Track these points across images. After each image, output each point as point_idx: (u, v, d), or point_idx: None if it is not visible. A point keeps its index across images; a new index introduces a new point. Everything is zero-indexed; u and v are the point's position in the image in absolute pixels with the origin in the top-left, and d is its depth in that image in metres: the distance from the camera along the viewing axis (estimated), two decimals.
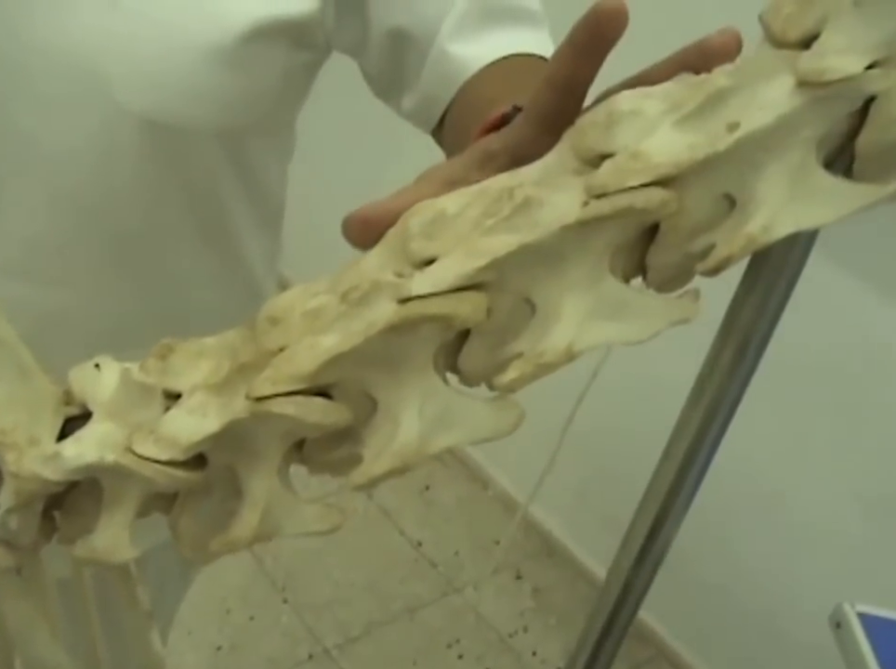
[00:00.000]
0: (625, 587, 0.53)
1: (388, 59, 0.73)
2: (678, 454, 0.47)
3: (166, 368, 0.48)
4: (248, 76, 0.67)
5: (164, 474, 0.45)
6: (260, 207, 0.80)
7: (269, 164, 0.78)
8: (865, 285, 1.63)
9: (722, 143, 0.37)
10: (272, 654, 1.85)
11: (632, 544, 0.50)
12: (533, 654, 1.91)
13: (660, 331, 0.41)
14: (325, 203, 2.37)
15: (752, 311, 0.43)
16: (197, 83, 0.65)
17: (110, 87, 0.63)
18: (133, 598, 0.57)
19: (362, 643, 1.90)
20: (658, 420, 1.99)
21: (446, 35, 0.70)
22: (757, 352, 0.43)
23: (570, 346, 0.40)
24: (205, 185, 0.73)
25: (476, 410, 0.44)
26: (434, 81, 0.71)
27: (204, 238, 0.76)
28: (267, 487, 0.46)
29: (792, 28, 0.37)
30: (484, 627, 1.96)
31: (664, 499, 0.48)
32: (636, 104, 0.40)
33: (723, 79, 0.38)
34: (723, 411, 0.44)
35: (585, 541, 2.10)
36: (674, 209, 0.38)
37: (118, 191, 0.69)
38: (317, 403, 0.43)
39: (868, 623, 0.71)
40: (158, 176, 0.69)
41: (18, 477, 0.46)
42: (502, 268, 0.41)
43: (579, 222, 0.39)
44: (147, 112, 0.65)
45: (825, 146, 0.38)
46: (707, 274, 0.39)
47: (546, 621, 1.99)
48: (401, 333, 0.42)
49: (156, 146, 0.67)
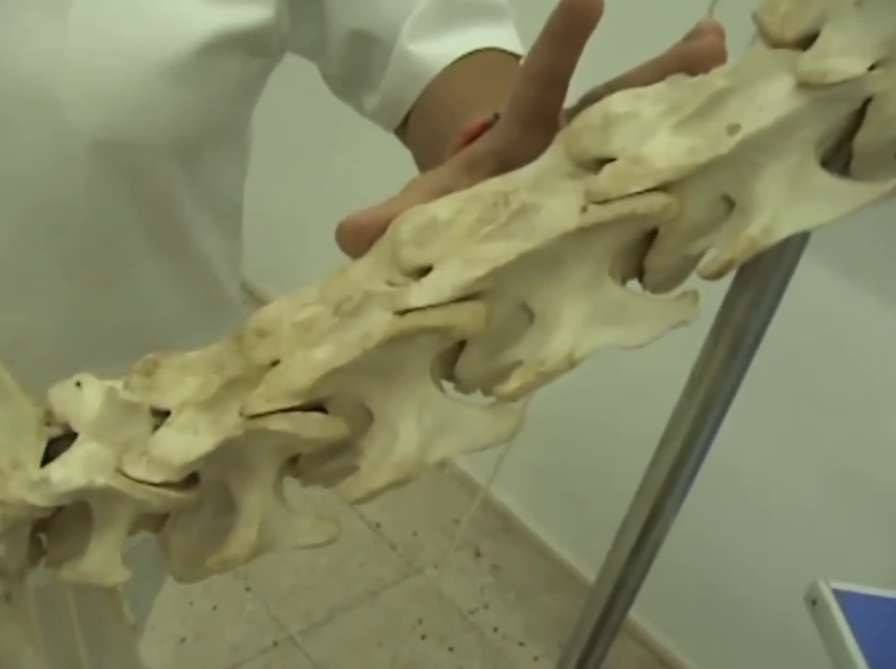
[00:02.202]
0: (617, 585, 0.53)
1: (348, 60, 0.72)
2: (672, 451, 0.47)
3: (152, 384, 0.47)
4: (204, 89, 0.65)
5: (159, 496, 0.44)
6: (218, 212, 0.78)
7: (224, 170, 0.77)
8: (835, 273, 1.65)
9: (724, 146, 0.37)
10: (237, 642, 1.84)
11: (625, 541, 0.50)
12: (495, 630, 1.93)
13: (660, 334, 0.41)
14: (284, 207, 2.35)
15: (746, 308, 0.43)
16: (151, 99, 0.63)
17: (60, 108, 0.61)
18: (118, 612, 0.56)
19: (326, 628, 1.90)
20: (613, 401, 2.01)
21: (409, 35, 0.69)
22: (751, 348, 0.43)
23: (571, 352, 0.40)
24: (162, 197, 0.71)
25: (474, 417, 0.43)
26: (398, 81, 0.70)
27: (164, 249, 0.74)
28: (261, 502, 0.45)
29: (789, 27, 0.37)
30: (446, 606, 1.97)
31: (657, 495, 0.48)
32: (631, 106, 0.39)
33: (721, 80, 0.38)
34: (717, 406, 0.45)
35: (542, 517, 2.12)
36: (676, 214, 0.38)
37: (73, 211, 0.67)
38: (314, 419, 0.42)
39: (843, 599, 0.73)
40: (113, 193, 0.67)
41: (4, 503, 0.45)
42: (501, 276, 0.40)
43: (580, 229, 0.38)
44: (99, 131, 0.63)
45: (823, 145, 0.38)
46: (710, 278, 0.39)
47: (505, 597, 2.00)
48: (399, 344, 0.41)
49: (110, 163, 0.65)
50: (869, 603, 0.73)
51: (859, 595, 0.75)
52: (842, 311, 1.69)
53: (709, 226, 0.40)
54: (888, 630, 0.71)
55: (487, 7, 0.70)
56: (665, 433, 0.47)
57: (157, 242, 0.73)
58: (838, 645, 0.70)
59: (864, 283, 1.67)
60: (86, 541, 0.47)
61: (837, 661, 0.71)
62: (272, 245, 2.18)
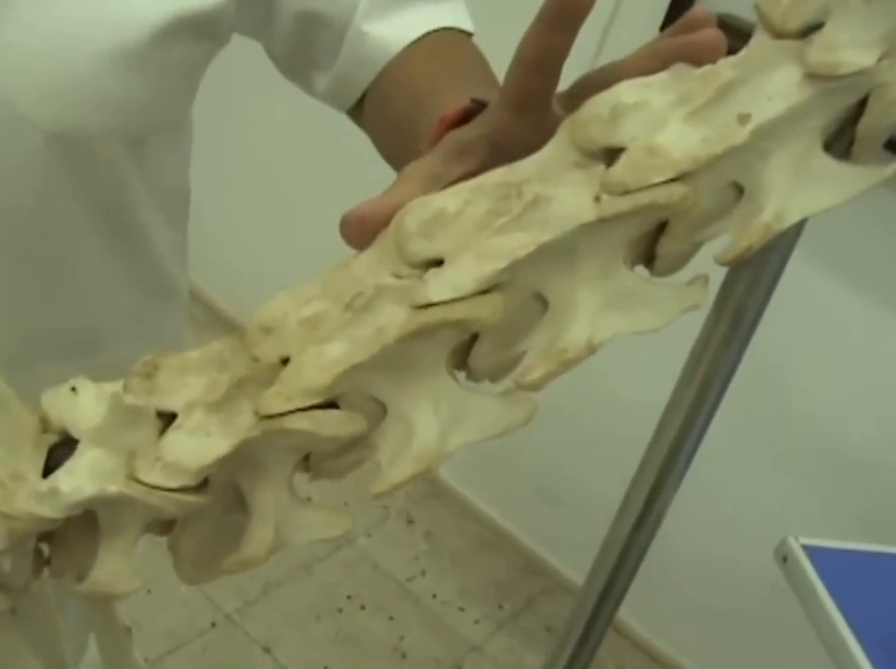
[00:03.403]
0: (608, 583, 0.54)
1: (298, 41, 0.71)
2: (669, 435, 0.48)
3: (153, 387, 0.46)
4: (154, 77, 0.64)
5: (174, 501, 0.43)
6: (165, 202, 0.77)
7: (170, 158, 0.76)
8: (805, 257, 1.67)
9: (739, 136, 0.38)
10: (173, 627, 1.83)
11: (622, 525, 0.51)
12: (434, 596, 1.96)
13: (673, 318, 0.42)
14: (233, 201, 2.29)
15: (744, 288, 0.45)
16: (101, 90, 0.62)
17: (11, 100, 0.59)
18: (110, 615, 0.55)
19: (262, 604, 1.90)
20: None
21: (364, 16, 0.68)
22: (750, 326, 0.44)
23: (590, 339, 0.41)
24: (110, 189, 0.69)
25: (489, 406, 0.44)
26: (353, 62, 0.70)
27: (112, 241, 0.73)
28: (276, 501, 0.45)
29: (791, 18, 0.38)
30: (381, 575, 1.98)
31: (655, 479, 0.49)
32: (639, 96, 0.40)
33: (729, 71, 0.39)
34: (717, 384, 0.46)
35: (470, 480, 2.14)
36: (693, 203, 0.39)
37: (20, 205, 0.65)
38: (333, 416, 0.43)
39: (812, 553, 0.77)
40: (62, 186, 0.65)
41: (10, 517, 0.44)
42: (518, 268, 0.41)
43: (600, 219, 0.39)
44: (53, 124, 0.61)
45: (826, 131, 0.40)
46: (728, 265, 0.40)
47: (440, 563, 2.03)
48: (418, 339, 0.41)
49: (61, 156, 0.63)
50: (838, 557, 0.77)
51: (828, 549, 0.78)
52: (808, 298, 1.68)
53: (719, 212, 0.41)
54: (857, 582, 0.75)
55: None
56: (663, 416, 0.49)
57: (105, 234, 0.71)
58: (812, 599, 0.74)
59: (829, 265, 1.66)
60: (93, 550, 0.47)
61: (811, 614, 0.75)
62: (216, 246, 2.14)
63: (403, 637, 1.89)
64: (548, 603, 2.00)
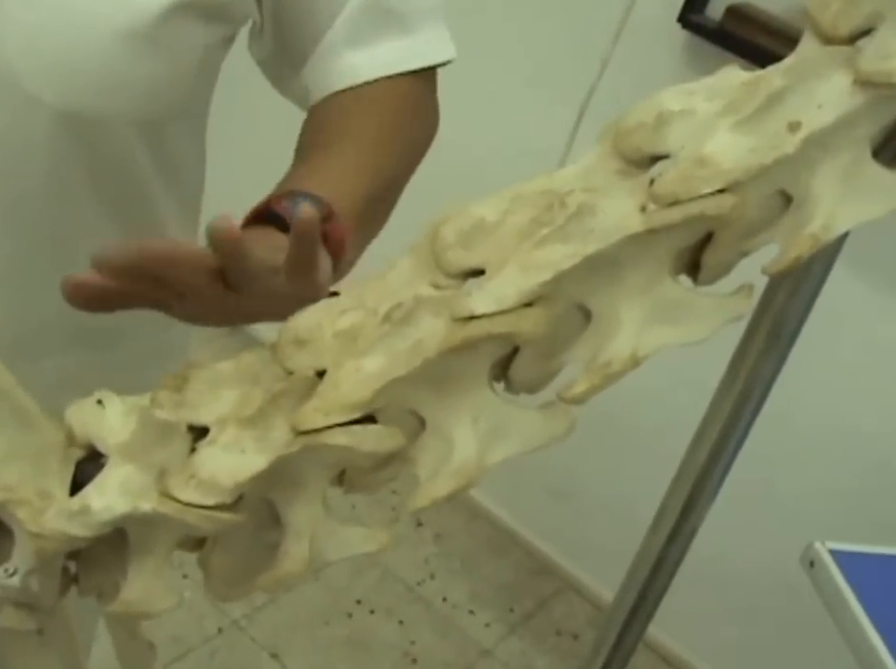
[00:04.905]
0: (641, 593, 0.53)
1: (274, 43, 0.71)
2: (705, 449, 0.47)
3: (183, 400, 0.45)
4: (167, 58, 0.63)
5: (210, 519, 0.42)
6: (180, 192, 0.76)
7: (186, 147, 0.74)
8: None
9: (789, 145, 0.37)
10: (180, 633, 1.81)
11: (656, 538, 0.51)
12: (444, 600, 1.94)
13: (718, 329, 0.41)
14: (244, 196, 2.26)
15: (785, 297, 0.44)
16: (113, 70, 0.61)
17: (18, 80, 0.59)
18: (134, 631, 0.55)
19: (269, 610, 1.88)
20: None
21: (343, 35, 0.68)
22: (790, 339, 0.43)
23: (634, 352, 0.40)
24: (125, 176, 0.68)
25: (529, 419, 0.43)
26: (317, 75, 0.69)
27: (125, 231, 0.71)
28: (311, 517, 0.45)
29: (843, 23, 0.38)
30: (391, 579, 1.97)
31: (690, 492, 0.48)
32: (685, 103, 0.39)
33: (779, 78, 0.38)
34: (755, 398, 0.45)
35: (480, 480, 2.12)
36: (742, 213, 0.38)
37: (31, 189, 0.64)
38: (372, 432, 0.42)
39: (840, 558, 0.75)
40: (75, 170, 0.64)
41: (40, 536, 0.43)
42: (562, 280, 0.40)
43: (648, 231, 0.38)
44: (61, 104, 0.60)
45: (875, 139, 0.39)
46: (776, 276, 0.39)
47: (450, 565, 2.01)
48: (460, 352, 0.40)
49: (72, 138, 0.62)
50: (865, 561, 0.76)
51: (856, 553, 0.77)
52: None
53: (766, 222, 0.40)
54: (887, 587, 0.74)
55: (400, 17, 0.70)
56: (701, 424, 0.48)
57: (118, 222, 0.70)
58: (840, 605, 0.73)
59: None
60: (123, 567, 0.46)
61: (839, 620, 0.74)
62: None
63: (414, 642, 1.88)
64: (560, 605, 1.99)
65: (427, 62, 0.70)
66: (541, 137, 1.60)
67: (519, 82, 1.72)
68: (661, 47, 1.53)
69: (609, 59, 1.52)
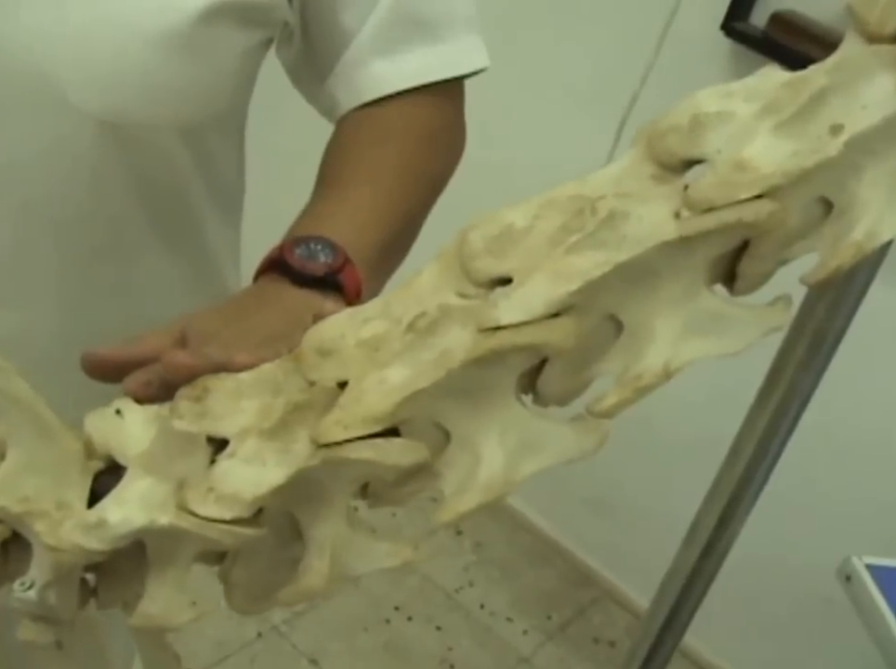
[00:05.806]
0: (677, 601, 0.51)
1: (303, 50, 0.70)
2: (741, 463, 0.45)
3: (204, 411, 0.44)
4: (207, 62, 0.63)
5: (229, 533, 0.41)
6: (222, 199, 0.75)
7: (227, 153, 0.74)
8: None
9: (832, 148, 0.35)
10: (219, 637, 1.81)
11: (691, 551, 0.49)
12: (482, 607, 1.93)
13: (755, 341, 0.39)
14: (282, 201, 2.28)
15: (826, 309, 0.42)
16: (155, 76, 0.60)
17: (63, 90, 0.58)
18: (160, 643, 0.54)
19: (309, 616, 1.88)
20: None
21: (369, 42, 0.67)
22: (829, 352, 0.41)
23: (666, 365, 0.39)
24: (169, 184, 0.68)
25: (559, 433, 0.41)
26: (343, 84, 0.68)
27: (171, 239, 0.71)
28: (333, 531, 0.43)
29: (889, 20, 0.36)
30: (430, 587, 1.96)
31: (725, 505, 0.46)
32: (723, 105, 0.38)
33: (822, 78, 0.36)
34: (792, 412, 0.43)
35: (519, 490, 2.10)
36: (781, 220, 0.36)
37: (79, 200, 0.64)
38: (396, 445, 0.40)
39: (877, 573, 0.73)
40: (121, 180, 0.64)
41: (57, 549, 0.42)
42: (592, 290, 0.38)
43: (682, 238, 0.36)
44: (105, 113, 0.60)
45: None
46: (816, 286, 0.37)
47: (489, 574, 2.00)
48: (486, 364, 0.39)
49: (117, 148, 0.62)
50: None
51: (893, 568, 0.75)
52: None
53: (805, 229, 0.38)
54: None
55: (442, 22, 0.68)
56: (737, 437, 0.46)
57: (164, 231, 0.70)
58: (876, 620, 0.70)
59: None
60: (142, 580, 0.45)
61: (876, 635, 0.71)
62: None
63: (452, 648, 1.86)
64: (598, 614, 1.96)
65: (457, 72, 0.69)
66: (581, 148, 1.58)
67: (558, 92, 1.70)
68: (704, 56, 1.50)
69: (651, 69, 1.49)
